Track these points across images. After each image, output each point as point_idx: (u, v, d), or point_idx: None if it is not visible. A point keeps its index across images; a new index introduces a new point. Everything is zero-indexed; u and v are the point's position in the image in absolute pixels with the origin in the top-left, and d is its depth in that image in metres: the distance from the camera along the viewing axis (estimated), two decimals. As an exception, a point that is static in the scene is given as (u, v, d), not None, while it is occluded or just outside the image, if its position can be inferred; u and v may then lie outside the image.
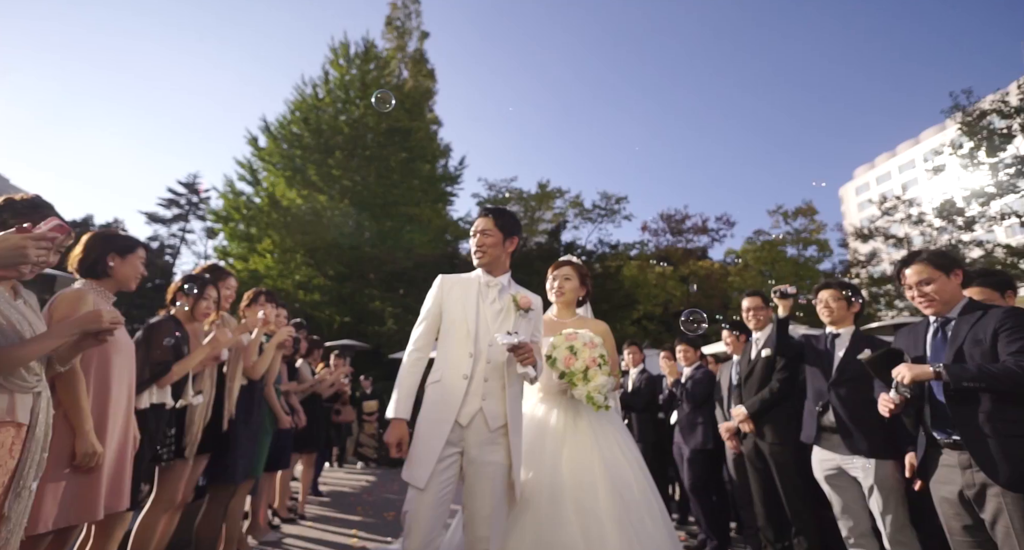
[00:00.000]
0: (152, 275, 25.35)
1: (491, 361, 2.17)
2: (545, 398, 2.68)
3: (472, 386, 2.13)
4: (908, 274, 2.41)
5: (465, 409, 2.10)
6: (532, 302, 2.34)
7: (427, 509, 1.98)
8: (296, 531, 4.32)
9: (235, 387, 2.82)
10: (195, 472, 2.73)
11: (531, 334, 2.32)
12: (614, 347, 2.87)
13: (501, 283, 2.35)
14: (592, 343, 2.56)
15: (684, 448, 4.40)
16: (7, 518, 1.50)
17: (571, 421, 2.53)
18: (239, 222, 18.48)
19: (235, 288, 3.01)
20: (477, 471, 2.07)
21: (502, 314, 2.28)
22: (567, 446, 2.44)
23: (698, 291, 25.49)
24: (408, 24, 28.34)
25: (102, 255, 2.10)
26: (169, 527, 2.65)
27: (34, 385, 1.56)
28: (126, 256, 2.14)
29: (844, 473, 2.90)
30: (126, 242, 2.17)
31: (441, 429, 2.05)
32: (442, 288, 2.33)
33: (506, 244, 2.36)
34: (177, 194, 28.19)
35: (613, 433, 2.55)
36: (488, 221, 2.36)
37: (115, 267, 2.10)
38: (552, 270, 2.99)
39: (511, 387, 2.18)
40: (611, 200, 23.53)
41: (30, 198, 1.78)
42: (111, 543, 2.21)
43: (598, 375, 2.44)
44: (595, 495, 2.28)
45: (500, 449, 2.12)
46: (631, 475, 2.41)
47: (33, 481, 1.54)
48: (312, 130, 19.57)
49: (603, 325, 2.87)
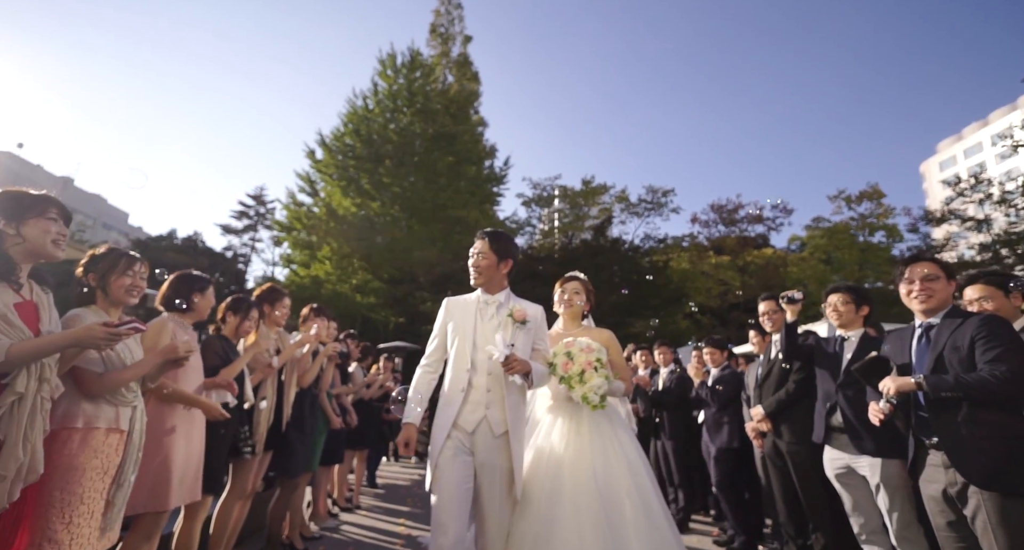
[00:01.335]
0: (228, 282, 27.45)
1: (492, 373, 2.34)
2: (553, 406, 2.82)
3: (472, 396, 2.32)
4: (915, 268, 2.52)
5: (470, 417, 2.30)
6: (528, 313, 2.49)
7: (446, 510, 2.16)
8: (352, 519, 4.83)
9: (291, 393, 3.30)
10: (261, 466, 3.21)
11: (531, 343, 2.51)
12: (619, 352, 2.99)
13: (498, 300, 2.52)
14: (589, 348, 2.68)
15: (711, 446, 4.53)
16: (112, 503, 1.97)
17: (574, 426, 2.64)
18: (300, 231, 19.75)
19: (289, 306, 3.48)
20: (484, 474, 2.26)
21: (500, 329, 2.43)
22: (568, 450, 2.55)
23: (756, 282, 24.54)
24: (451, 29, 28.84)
25: (188, 293, 2.58)
26: (243, 513, 3.14)
27: (132, 400, 2.04)
28: (204, 292, 2.62)
29: (853, 472, 2.98)
30: (202, 283, 2.65)
31: (443, 434, 2.27)
32: (447, 309, 2.56)
33: (500, 266, 2.53)
34: (247, 206, 30.37)
35: (614, 437, 2.62)
36: (484, 244, 2.54)
37: (197, 302, 2.60)
38: (560, 285, 3.12)
39: (510, 396, 2.35)
40: (657, 193, 23.13)
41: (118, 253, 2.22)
42: (196, 524, 2.70)
43: (593, 377, 2.57)
44: (591, 497, 2.37)
45: (504, 454, 2.29)
46: (627, 479, 2.48)
47: (131, 475, 2.02)
48: (363, 140, 20.54)
49: (606, 333, 3.00)
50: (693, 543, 4.45)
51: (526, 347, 2.47)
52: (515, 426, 2.34)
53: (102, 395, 1.97)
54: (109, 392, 1.97)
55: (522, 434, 2.42)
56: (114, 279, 2.11)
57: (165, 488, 2.31)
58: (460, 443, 2.27)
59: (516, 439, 2.32)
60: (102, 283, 2.11)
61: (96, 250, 2.20)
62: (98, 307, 2.11)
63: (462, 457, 2.26)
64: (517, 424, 2.36)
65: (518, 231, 22.88)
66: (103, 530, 1.99)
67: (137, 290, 2.16)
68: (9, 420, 1.60)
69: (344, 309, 18.00)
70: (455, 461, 2.24)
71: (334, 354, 3.62)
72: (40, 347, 1.63)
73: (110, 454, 1.98)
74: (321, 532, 4.22)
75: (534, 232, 23.45)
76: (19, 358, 1.58)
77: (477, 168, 22.57)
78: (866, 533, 3.00)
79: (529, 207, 22.99)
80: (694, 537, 4.64)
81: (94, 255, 2.17)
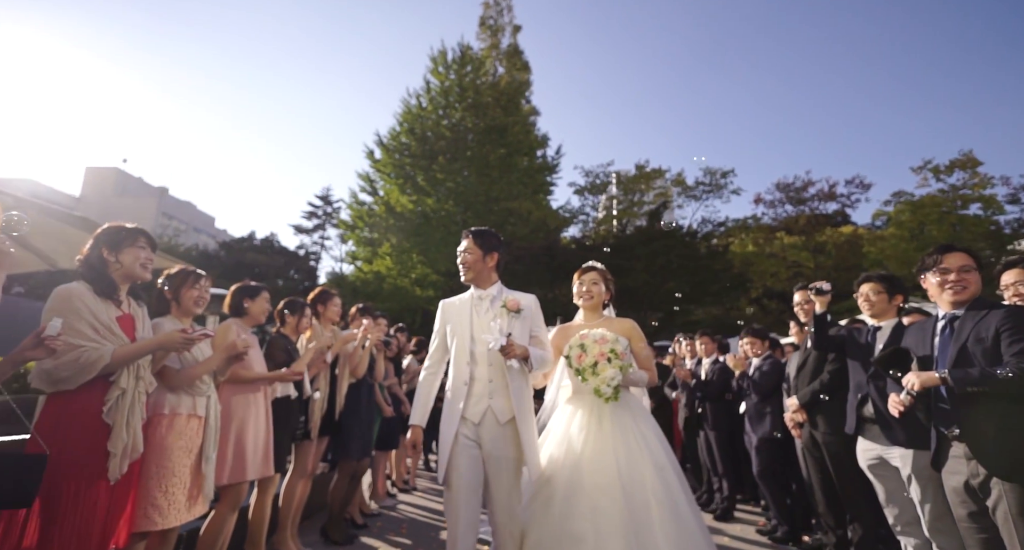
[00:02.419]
0: (301, 279, 29.42)
1: (492, 363, 2.43)
2: (573, 397, 2.80)
3: (475, 389, 2.41)
4: (951, 257, 2.47)
5: (475, 409, 2.38)
6: (521, 302, 2.57)
7: (457, 500, 2.30)
8: (408, 499, 5.26)
9: (344, 385, 3.70)
10: (319, 449, 3.65)
11: (528, 331, 2.58)
12: (642, 341, 2.90)
13: (491, 294, 2.60)
14: (603, 339, 2.67)
15: (752, 437, 4.53)
16: (204, 475, 2.40)
17: (595, 421, 2.61)
18: (363, 229, 20.83)
19: (339, 305, 3.88)
20: (491, 464, 2.33)
21: (496, 321, 2.50)
22: (588, 443, 2.53)
23: (833, 262, 23.07)
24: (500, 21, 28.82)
25: (240, 301, 3.01)
26: (306, 490, 3.58)
27: (206, 391, 2.46)
28: (255, 298, 3.03)
29: (886, 463, 2.96)
30: (253, 290, 3.06)
31: (451, 428, 2.37)
32: (443, 311, 2.65)
33: (487, 259, 2.62)
34: (315, 206, 32.28)
35: (638, 433, 2.58)
36: (468, 242, 2.63)
37: (248, 307, 3.01)
38: (579, 276, 3.07)
39: (512, 383, 2.40)
40: (716, 175, 22.21)
41: (187, 271, 2.64)
42: (268, 498, 3.15)
43: (606, 368, 2.56)
44: (614, 497, 2.35)
45: (511, 443, 2.36)
46: (653, 477, 2.43)
47: (212, 452, 2.44)
48: (418, 138, 21.23)
49: (628, 323, 2.96)
50: (736, 532, 4.49)
51: (523, 335, 2.54)
52: (521, 412, 2.39)
53: (181, 387, 2.40)
54: (186, 385, 2.39)
55: (530, 419, 2.47)
56: (184, 292, 2.54)
57: (242, 462, 2.75)
58: (467, 435, 2.37)
59: (524, 424, 2.38)
60: (175, 296, 2.54)
61: (171, 269, 2.63)
62: (173, 316, 2.54)
63: (469, 449, 2.35)
64: (523, 409, 2.42)
65: (571, 220, 22.79)
66: (195, 498, 2.42)
67: (202, 301, 2.58)
68: (116, 410, 2.02)
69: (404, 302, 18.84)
70: (463, 453, 2.34)
71: (380, 344, 3.98)
72: (135, 351, 2.04)
73: (192, 436, 2.40)
74: (380, 510, 4.67)
75: (588, 221, 23.26)
76: (120, 360, 1.99)
77: (529, 159, 22.67)
78: (901, 524, 2.98)
79: (582, 195, 22.81)
80: (737, 526, 4.68)
81: (170, 273, 2.60)
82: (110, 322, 2.09)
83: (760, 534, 4.39)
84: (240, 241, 31.02)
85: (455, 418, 2.39)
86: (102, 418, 1.99)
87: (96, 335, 2.02)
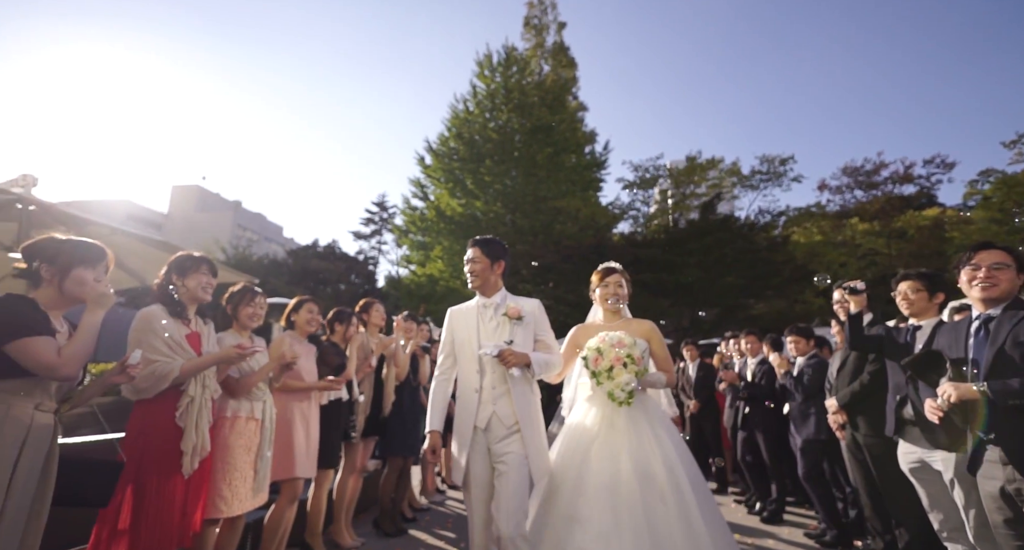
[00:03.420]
0: (361, 283, 30.83)
1: (495, 371, 2.49)
2: (592, 397, 2.79)
3: (483, 396, 2.49)
4: (984, 254, 2.42)
5: (482, 415, 2.46)
6: (523, 309, 2.61)
7: (472, 502, 2.42)
8: (456, 495, 5.51)
9: (389, 387, 3.99)
10: (367, 448, 3.96)
11: (532, 336, 2.63)
12: (661, 343, 2.90)
13: (495, 302, 2.65)
14: (620, 343, 2.65)
15: (797, 438, 4.43)
16: (258, 472, 2.72)
17: (608, 418, 2.63)
18: (416, 233, 21.55)
19: (383, 313, 4.18)
20: (500, 461, 2.41)
21: (499, 328, 2.57)
22: (599, 441, 2.56)
23: (913, 248, 21.35)
24: (545, 19, 28.78)
25: (289, 314, 3.36)
26: (357, 485, 3.90)
27: (262, 396, 2.79)
28: (299, 311, 3.36)
29: (928, 466, 2.87)
30: (298, 304, 3.40)
31: (464, 435, 2.47)
32: (450, 319, 2.72)
33: (494, 267, 2.69)
34: (372, 213, 33.69)
35: (649, 429, 2.58)
36: (476, 251, 2.70)
37: (295, 320, 3.36)
38: (603, 277, 3.02)
39: (515, 388, 2.47)
40: (774, 162, 21.15)
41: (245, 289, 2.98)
42: (323, 493, 3.49)
43: (622, 373, 2.56)
44: (617, 489, 2.37)
45: (516, 442, 2.42)
46: (660, 471, 2.43)
47: (268, 451, 2.76)
48: (466, 142, 21.66)
49: (647, 324, 2.94)
50: (784, 535, 4.42)
51: (526, 341, 2.59)
52: (525, 417, 2.46)
53: (241, 393, 2.73)
54: (245, 391, 2.73)
55: (534, 423, 2.51)
56: (241, 309, 2.87)
57: (292, 461, 3.07)
58: (478, 440, 2.47)
59: (528, 429, 2.44)
60: (235, 312, 2.89)
61: (234, 287, 2.98)
62: (234, 330, 2.88)
63: (481, 452, 2.45)
64: (527, 414, 2.47)
65: (621, 216, 22.47)
66: (255, 491, 2.75)
67: (256, 317, 2.91)
68: (186, 414, 2.36)
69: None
70: (475, 457, 2.45)
71: (419, 350, 4.26)
72: (199, 364, 2.36)
73: (251, 436, 2.73)
74: (429, 504, 4.95)
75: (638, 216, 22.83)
76: (187, 372, 2.32)
77: (577, 156, 22.56)
78: (947, 530, 2.87)
79: (631, 191, 22.42)
80: (785, 529, 4.59)
81: (232, 291, 2.95)
82: (180, 339, 2.43)
83: (808, 538, 4.29)
84: (305, 249, 32.85)
85: (468, 424, 2.48)
86: (175, 422, 2.33)
87: (169, 351, 2.36)
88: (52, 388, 1.82)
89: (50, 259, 1.87)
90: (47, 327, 1.77)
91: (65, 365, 1.71)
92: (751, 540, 4.24)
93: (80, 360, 1.77)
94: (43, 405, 1.79)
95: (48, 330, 1.76)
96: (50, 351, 1.70)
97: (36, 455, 1.73)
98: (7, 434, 1.65)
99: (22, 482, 1.66)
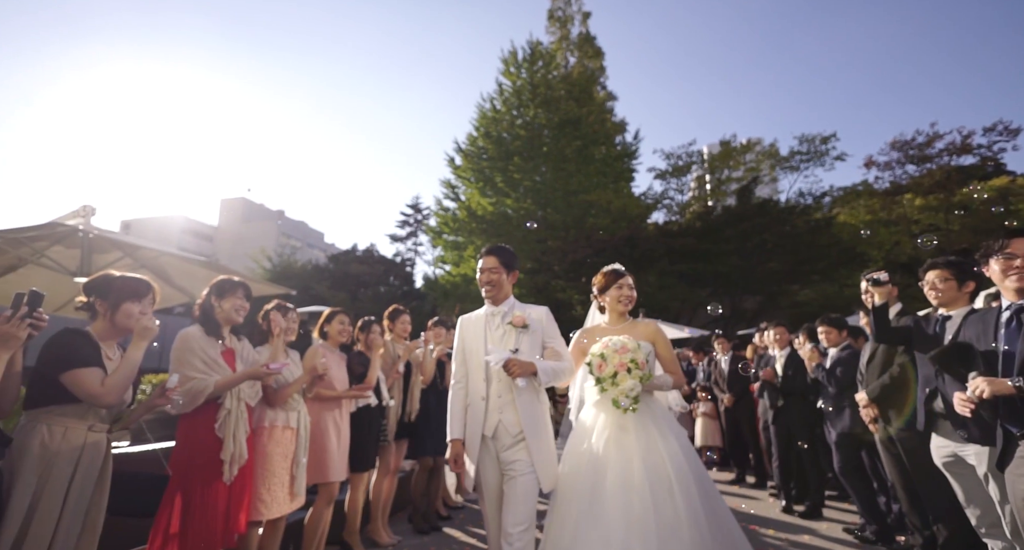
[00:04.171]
0: (400, 285, 31.53)
1: (501, 379, 2.49)
2: (599, 401, 2.73)
3: (490, 404, 2.50)
4: (1018, 243, 2.33)
5: (489, 423, 2.48)
6: (531, 316, 2.61)
7: (487, 508, 2.48)
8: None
9: (416, 392, 4.15)
10: (400, 450, 4.13)
11: (539, 344, 2.61)
12: (667, 345, 2.86)
13: (503, 310, 2.65)
14: (624, 348, 2.61)
15: (832, 432, 4.32)
16: (295, 477, 2.92)
17: (617, 425, 2.58)
18: (448, 234, 21.87)
19: (408, 322, 4.34)
20: (508, 469, 2.42)
21: (505, 337, 2.57)
22: (611, 449, 2.51)
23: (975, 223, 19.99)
24: (569, 10, 28.48)
25: (322, 326, 3.56)
26: (392, 486, 4.09)
27: (296, 406, 2.98)
28: (331, 322, 3.55)
29: (961, 460, 2.78)
30: (331, 315, 3.59)
31: (474, 443, 2.49)
32: (461, 327, 2.74)
33: (508, 277, 2.70)
34: (407, 215, 34.40)
35: (658, 434, 2.54)
36: (493, 260, 2.67)
37: (328, 330, 3.55)
38: (611, 279, 2.95)
39: (520, 397, 2.47)
40: (814, 142, 20.21)
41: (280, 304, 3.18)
42: (359, 494, 3.67)
43: (626, 379, 2.52)
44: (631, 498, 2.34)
45: (523, 450, 2.43)
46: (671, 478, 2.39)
47: (303, 457, 2.95)
48: (494, 141, 21.78)
49: (652, 326, 2.91)
50: (822, 530, 4.33)
51: (533, 349, 2.58)
52: (530, 425, 2.46)
53: (278, 404, 2.93)
54: (281, 401, 2.93)
55: (541, 432, 2.51)
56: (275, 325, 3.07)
57: (327, 466, 3.26)
58: (487, 448, 2.49)
59: (533, 438, 2.44)
60: (269, 328, 3.09)
61: (268, 305, 3.19)
62: (270, 344, 3.09)
63: (490, 461, 2.48)
64: (532, 422, 2.47)
65: (655, 206, 22.07)
66: (293, 495, 2.95)
67: (291, 332, 3.10)
68: (224, 426, 2.56)
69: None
70: (485, 465, 2.48)
71: (444, 356, 4.40)
72: (232, 380, 2.56)
73: (287, 443, 2.93)
74: (463, 503, 5.11)
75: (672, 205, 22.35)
76: (221, 388, 2.52)
77: (607, 147, 22.29)
78: (985, 526, 2.77)
79: (664, 179, 21.94)
80: (824, 524, 4.50)
81: (268, 308, 3.15)
82: (216, 356, 2.64)
83: (847, 533, 4.19)
84: (345, 254, 33.86)
85: (476, 432, 2.50)
86: (215, 433, 2.54)
87: (206, 367, 2.57)
88: (103, 410, 2.04)
89: (103, 294, 2.11)
90: (95, 358, 1.98)
91: (107, 394, 1.91)
92: (785, 535, 4.18)
93: (120, 390, 1.97)
94: (95, 426, 2.01)
95: (96, 361, 1.97)
96: (95, 382, 1.90)
97: (90, 471, 1.95)
98: (63, 453, 1.87)
99: (76, 495, 1.89)
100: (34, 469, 1.80)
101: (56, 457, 1.85)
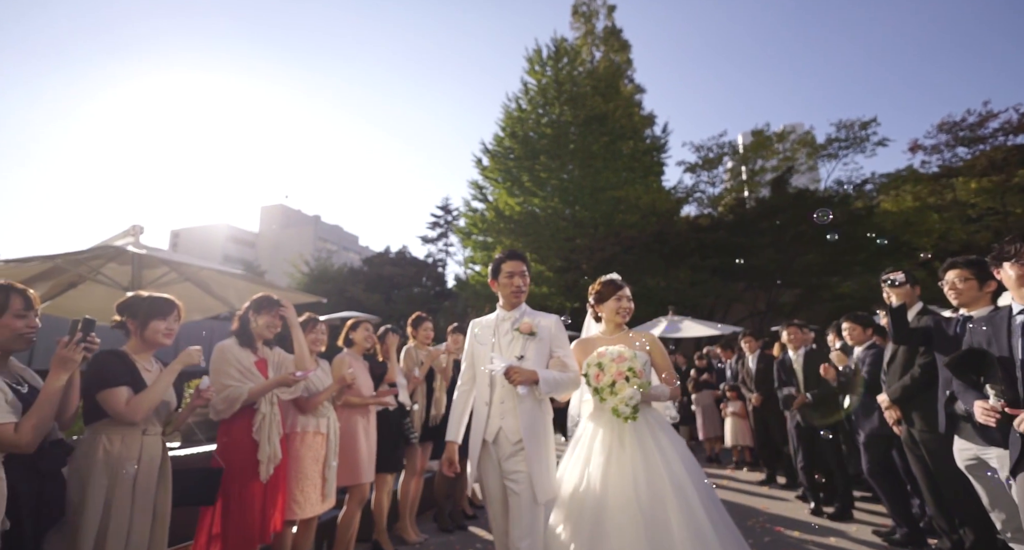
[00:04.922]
0: (432, 285, 32.06)
1: (504, 386, 2.49)
2: (594, 413, 2.73)
3: (492, 409, 2.52)
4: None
5: (491, 428, 2.50)
6: (540, 324, 2.60)
7: (490, 510, 2.53)
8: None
9: (441, 396, 4.32)
10: (426, 452, 4.31)
11: (546, 352, 2.60)
12: (663, 354, 2.84)
13: (513, 316, 2.66)
14: (620, 357, 2.60)
15: (860, 433, 4.26)
16: (326, 479, 3.12)
17: (616, 438, 2.55)
18: (477, 235, 22.09)
19: (430, 328, 4.51)
20: (510, 479, 2.43)
21: (513, 343, 2.58)
22: (611, 464, 2.49)
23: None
24: (594, 4, 28.15)
25: (348, 334, 3.76)
26: (419, 487, 4.27)
27: (327, 412, 3.19)
28: (356, 330, 3.75)
29: (984, 463, 2.74)
30: (356, 324, 3.78)
31: (475, 447, 2.54)
32: (472, 332, 2.76)
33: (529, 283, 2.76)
34: (437, 217, 34.90)
35: (656, 447, 2.51)
36: (523, 265, 2.70)
37: (353, 338, 3.75)
38: (611, 290, 2.92)
39: (521, 405, 2.46)
40: (853, 127, 19.36)
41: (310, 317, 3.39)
42: (385, 495, 3.87)
43: (624, 388, 2.50)
44: (630, 513, 2.32)
45: (522, 461, 2.42)
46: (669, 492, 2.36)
47: (333, 461, 3.16)
48: (520, 140, 21.80)
49: (648, 336, 2.89)
50: (851, 533, 4.28)
51: (539, 357, 2.57)
52: (529, 433, 2.44)
53: (309, 410, 3.14)
54: (312, 409, 3.14)
55: (540, 441, 2.49)
56: (306, 336, 3.27)
57: (358, 468, 3.46)
58: (488, 453, 2.52)
59: (532, 447, 2.43)
60: None
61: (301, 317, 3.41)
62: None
63: (492, 467, 2.51)
64: (532, 431, 2.46)
65: (685, 200, 21.63)
66: (325, 496, 3.16)
67: (320, 343, 3.33)
68: (260, 429, 2.78)
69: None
70: (487, 471, 2.53)
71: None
72: (264, 388, 2.78)
73: (318, 448, 3.14)
74: (489, 501, 5.25)
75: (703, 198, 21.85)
76: (255, 395, 2.74)
77: (635, 142, 21.98)
78: (1011, 530, 2.73)
79: (694, 172, 21.47)
80: (853, 526, 4.43)
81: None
82: (250, 365, 2.86)
83: (877, 535, 4.12)
84: (379, 256, 34.66)
85: (478, 436, 2.54)
86: (252, 436, 2.76)
87: (241, 376, 2.79)
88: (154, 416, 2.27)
89: (133, 314, 2.33)
90: (125, 377, 2.16)
91: (132, 413, 2.10)
92: (811, 537, 4.15)
93: (146, 409, 2.14)
94: (149, 430, 2.24)
95: (126, 380, 2.16)
96: (120, 401, 2.10)
97: (150, 469, 2.19)
98: (125, 457, 2.11)
99: (142, 490, 2.14)
100: (103, 472, 2.04)
101: (119, 460, 2.09)
